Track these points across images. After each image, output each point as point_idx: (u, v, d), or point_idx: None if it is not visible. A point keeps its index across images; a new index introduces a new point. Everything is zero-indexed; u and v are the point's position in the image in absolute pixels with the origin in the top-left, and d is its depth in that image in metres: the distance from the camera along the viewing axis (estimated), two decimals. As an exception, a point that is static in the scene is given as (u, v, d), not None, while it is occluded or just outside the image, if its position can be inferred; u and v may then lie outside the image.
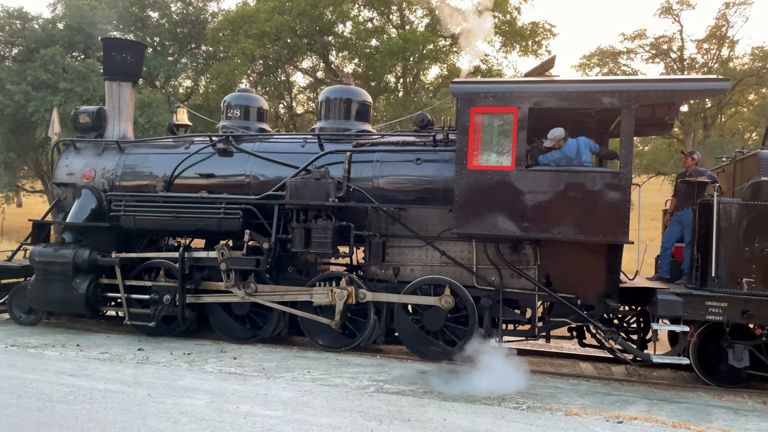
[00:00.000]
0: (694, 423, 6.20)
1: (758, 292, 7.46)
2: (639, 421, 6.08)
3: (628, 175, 7.80)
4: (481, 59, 32.94)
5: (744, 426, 6.32)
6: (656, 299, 7.75)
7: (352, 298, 8.96)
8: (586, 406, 6.69)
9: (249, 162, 9.85)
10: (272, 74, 30.87)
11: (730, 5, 32.26)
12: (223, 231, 9.57)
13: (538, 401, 6.82)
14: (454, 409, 6.28)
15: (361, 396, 6.66)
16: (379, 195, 9.16)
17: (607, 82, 8.17)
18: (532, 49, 32.88)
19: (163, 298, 9.65)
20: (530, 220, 8.08)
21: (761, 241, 7.49)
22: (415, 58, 28.27)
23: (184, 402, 6.22)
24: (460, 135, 8.36)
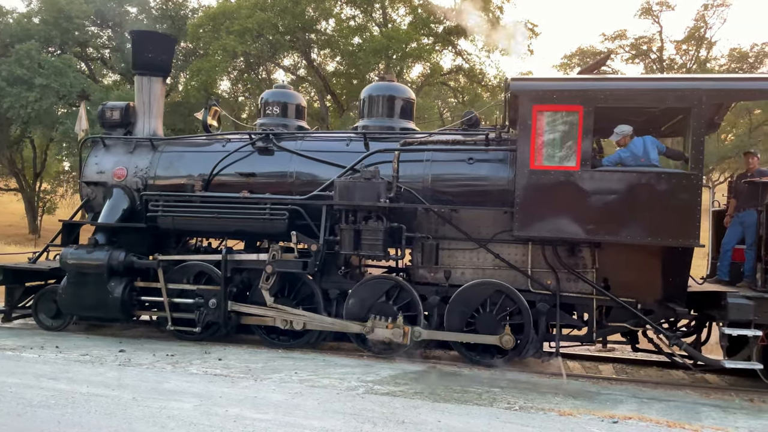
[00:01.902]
0: (687, 422, 6.18)
1: (831, 296, 7.32)
2: (633, 420, 6.03)
3: (699, 176, 7.63)
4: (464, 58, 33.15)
5: (734, 424, 6.31)
6: (726, 303, 7.59)
7: (406, 338, 8.60)
8: (578, 406, 6.61)
9: (292, 161, 9.52)
10: (253, 72, 30.50)
11: (709, 7, 32.74)
12: (268, 232, 9.22)
13: (530, 401, 6.71)
14: (447, 410, 6.15)
15: (353, 398, 6.47)
16: (430, 195, 8.89)
17: (676, 80, 8.00)
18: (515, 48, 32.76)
19: (209, 302, 9.26)
20: (596, 222, 7.87)
21: (836, 243, 7.37)
22: (398, 56, 28.19)
23: (171, 405, 5.93)
24: (522, 134, 8.12)
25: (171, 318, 9.38)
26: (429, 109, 35.04)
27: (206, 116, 10.50)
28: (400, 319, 8.62)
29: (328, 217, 9.00)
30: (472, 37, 32.85)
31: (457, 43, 33.60)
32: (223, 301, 9.22)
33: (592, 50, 35.23)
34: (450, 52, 33.96)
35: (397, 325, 8.58)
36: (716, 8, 32.78)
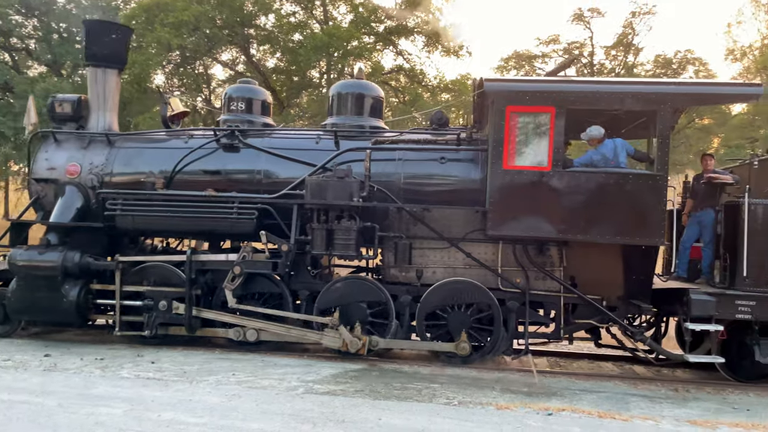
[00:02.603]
0: (617, 412, 6.43)
1: (789, 291, 7.78)
2: (567, 412, 6.22)
3: (665, 177, 7.93)
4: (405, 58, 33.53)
5: (660, 413, 6.61)
6: (689, 299, 7.93)
7: (363, 348, 8.53)
8: (515, 399, 6.79)
9: (259, 158, 9.30)
10: (189, 66, 29.75)
11: (636, 14, 34.19)
12: (235, 232, 8.97)
13: (469, 396, 6.83)
14: (388, 408, 6.16)
15: (292, 398, 6.40)
16: (402, 195, 8.87)
17: (644, 84, 8.27)
18: (454, 50, 33.59)
19: (159, 304, 8.91)
20: (568, 221, 8.07)
21: (791, 241, 7.82)
22: (339, 54, 28.16)
23: (99, 411, 5.74)
24: (495, 134, 8.22)
25: (120, 322, 9.01)
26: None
27: (165, 111, 10.09)
28: (358, 329, 8.55)
29: (298, 217, 8.83)
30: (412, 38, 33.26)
31: (398, 42, 33.86)
32: (187, 303, 8.89)
33: (528, 54, 36.07)
34: (391, 51, 34.22)
35: (355, 335, 8.51)
36: (643, 16, 34.21)
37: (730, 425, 6.02)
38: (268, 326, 8.83)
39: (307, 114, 32.03)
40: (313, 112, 30.74)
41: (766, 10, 35.69)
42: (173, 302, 8.90)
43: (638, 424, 5.94)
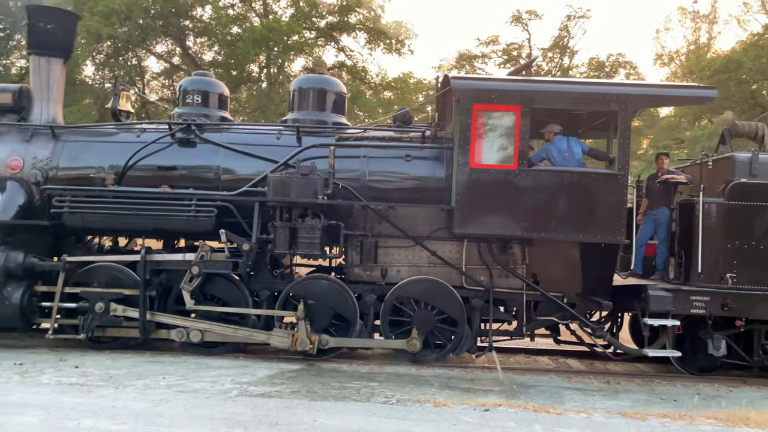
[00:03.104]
0: (552, 405, 6.56)
1: (739, 287, 8.11)
2: (503, 407, 6.27)
3: (626, 176, 8.13)
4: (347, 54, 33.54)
5: (593, 405, 6.82)
6: (648, 295, 8.16)
7: (313, 348, 8.38)
8: (452, 396, 6.82)
9: (217, 154, 8.98)
10: (122, 57, 28.70)
11: (572, 18, 35.30)
12: (193, 231, 8.63)
13: (407, 393, 6.86)
14: (324, 409, 6.04)
15: (224, 401, 6.19)
16: (367, 193, 8.74)
17: (606, 85, 8.44)
18: (396, 47, 33.86)
19: (95, 306, 8.48)
20: (533, 219, 8.14)
21: (742, 238, 8.16)
22: (279, 48, 27.84)
23: (13, 420, 5.38)
24: (462, 132, 8.22)
25: (59, 325, 8.57)
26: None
27: (116, 103, 9.60)
28: (308, 328, 8.38)
29: (260, 215, 8.57)
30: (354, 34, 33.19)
31: (340, 38, 33.69)
32: (141, 306, 8.50)
33: (468, 54, 36.55)
34: (333, 47, 34.03)
35: (306, 334, 8.35)
36: (578, 20, 35.28)
37: (659, 416, 6.18)
38: (213, 327, 8.52)
39: (247, 109, 31.44)
40: (253, 107, 30.18)
41: (692, 17, 37.49)
42: (111, 304, 8.48)
43: (572, 417, 6.03)
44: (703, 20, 37.43)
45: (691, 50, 36.70)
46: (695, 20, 37.57)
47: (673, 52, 37.80)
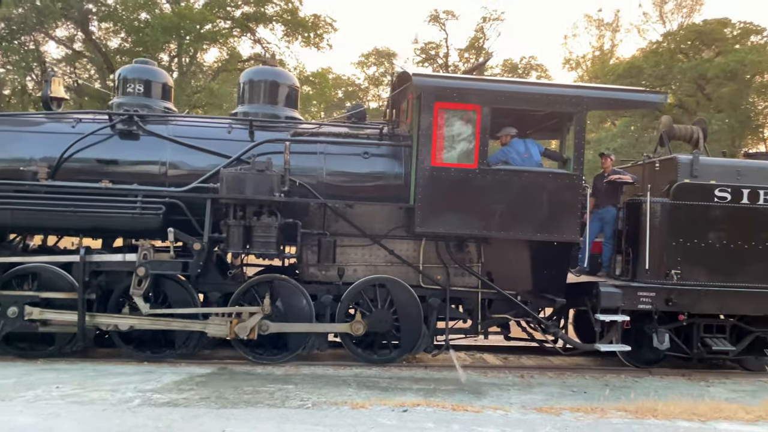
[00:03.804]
0: (469, 403, 6.59)
1: (683, 283, 8.53)
2: (422, 407, 6.18)
3: (581, 176, 8.34)
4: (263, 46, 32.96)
5: (509, 400, 6.94)
6: (599, 292, 8.43)
7: (253, 333, 8.12)
8: (370, 396, 6.70)
9: (163, 148, 8.44)
10: (16, 41, 26.79)
11: (487, 20, 36.35)
12: (138, 229, 8.08)
13: (323, 395, 6.67)
14: (234, 417, 5.69)
15: (123, 413, 5.68)
16: (324, 190, 8.51)
17: (564, 87, 8.62)
18: (314, 41, 33.61)
19: (8, 310, 7.82)
20: (494, 218, 8.21)
21: (686, 236, 8.58)
22: (191, 37, 26.93)
23: None
24: (424, 130, 8.15)
25: None
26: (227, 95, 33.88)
27: (47, 91, 8.80)
28: (246, 314, 8.10)
29: (211, 213, 8.14)
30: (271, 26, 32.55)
31: (256, 30, 32.92)
32: (80, 310, 7.87)
33: (387, 51, 36.77)
34: (249, 39, 33.21)
35: (242, 320, 8.05)
36: (492, 22, 36.35)
37: (572, 410, 6.29)
38: (142, 321, 8.02)
39: (156, 99, 30.02)
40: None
41: (597, 25, 39.47)
42: (25, 308, 7.82)
43: (489, 415, 6.04)
44: (606, 28, 39.55)
45: (596, 56, 38.68)
46: (600, 28, 39.65)
47: (580, 57, 39.63)
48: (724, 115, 28.60)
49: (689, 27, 33.18)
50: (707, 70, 29.32)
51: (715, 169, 8.93)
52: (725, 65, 28.89)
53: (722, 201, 8.58)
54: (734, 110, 28.09)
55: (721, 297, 8.64)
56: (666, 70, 30.74)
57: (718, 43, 32.16)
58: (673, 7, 38.39)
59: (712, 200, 8.59)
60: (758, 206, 8.61)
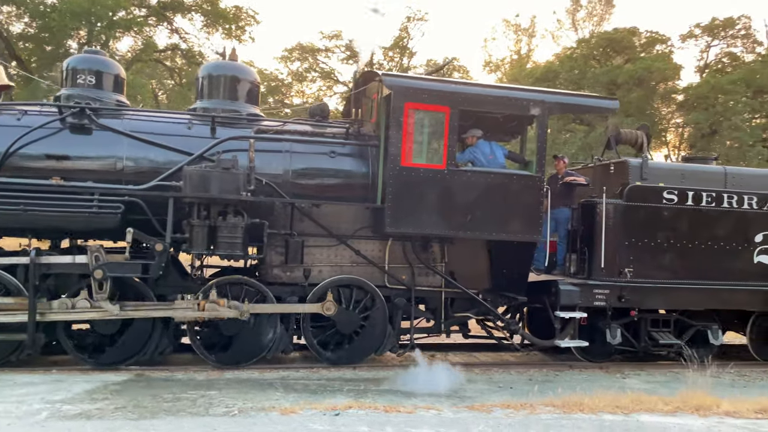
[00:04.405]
0: (401, 403, 6.51)
1: (635, 280, 8.97)
2: (354, 410, 5.99)
3: (542, 178, 8.61)
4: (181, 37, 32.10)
5: (439, 399, 6.86)
6: (558, 290, 8.73)
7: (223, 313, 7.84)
8: (299, 400, 6.50)
9: (120, 143, 7.99)
10: None
11: (411, 20, 36.81)
12: (94, 229, 7.62)
13: (250, 401, 6.37)
14: (154, 428, 5.33)
15: (30, 427, 5.22)
16: (290, 189, 8.33)
17: (527, 92, 8.83)
18: (236, 33, 32.96)
19: None
20: (462, 218, 8.32)
21: (637, 236, 9.02)
22: (102, 24, 25.83)
23: None
24: (393, 130, 8.15)
25: None
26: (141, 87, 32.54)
27: (-11, 79, 8.12)
28: (214, 293, 7.85)
29: (174, 212, 7.79)
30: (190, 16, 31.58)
31: (173, 19, 31.82)
32: (30, 315, 7.32)
33: (312, 47, 36.32)
34: (166, 28, 32.08)
35: (210, 301, 7.79)
36: (417, 22, 36.73)
37: (502, 407, 6.30)
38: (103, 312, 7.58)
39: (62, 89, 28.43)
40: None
41: (514, 30, 40.81)
42: None
43: (423, 415, 5.94)
44: (523, 33, 40.95)
45: (514, 59, 40.00)
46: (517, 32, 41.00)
47: (499, 60, 40.82)
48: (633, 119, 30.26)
49: (601, 35, 34.92)
50: (618, 75, 31.01)
51: (662, 172, 9.45)
52: (634, 72, 30.67)
53: (670, 203, 9.08)
54: (642, 114, 29.78)
55: (668, 293, 9.16)
56: (580, 75, 32.23)
57: (628, 50, 34.11)
58: (585, 16, 40.34)
59: (661, 202, 9.07)
60: (701, 208, 9.18)
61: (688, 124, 31.04)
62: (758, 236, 9.33)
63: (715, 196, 9.19)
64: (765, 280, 9.38)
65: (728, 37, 33.42)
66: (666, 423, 5.85)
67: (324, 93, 38.63)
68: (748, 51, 33.25)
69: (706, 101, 30.09)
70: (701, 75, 33.72)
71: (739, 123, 28.81)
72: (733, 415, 6.18)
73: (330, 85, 38.38)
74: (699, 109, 29.85)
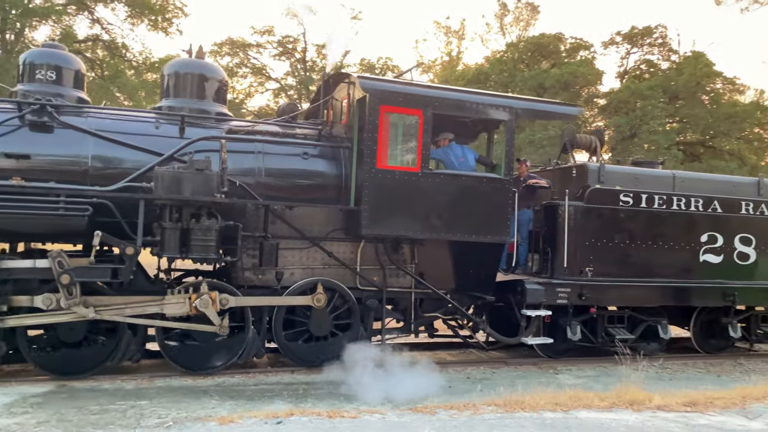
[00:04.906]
0: (343, 407, 6.43)
1: (594, 279, 9.37)
2: (296, 416, 5.77)
3: (511, 180, 8.86)
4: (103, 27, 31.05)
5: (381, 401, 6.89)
6: (525, 289, 9.02)
7: (216, 304, 7.76)
8: (237, 408, 6.32)
9: (86, 142, 7.62)
10: None
11: (343, 17, 36.86)
12: (60, 232, 7.26)
13: (184, 410, 6.13)
14: None
15: None
16: (262, 191, 8.20)
17: (497, 97, 9.05)
18: (162, 26, 32.06)
19: None
20: (436, 220, 8.44)
21: (597, 236, 9.43)
22: (17, 12, 24.64)
23: None
24: (369, 132, 8.17)
25: None
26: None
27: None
28: (205, 287, 7.70)
29: (144, 214, 7.51)
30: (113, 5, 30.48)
31: (95, 8, 30.56)
32: (-10, 324, 6.89)
33: (243, 42, 35.58)
34: (86, 18, 30.76)
35: (201, 294, 7.64)
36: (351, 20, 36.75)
37: (446, 408, 6.25)
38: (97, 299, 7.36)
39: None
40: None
41: (445, 32, 41.42)
42: None
43: (368, 420, 5.80)
44: (453, 35, 41.65)
45: (445, 61, 40.66)
46: (447, 35, 41.65)
47: (431, 61, 41.33)
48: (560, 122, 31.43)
49: (529, 39, 36.03)
50: (545, 79, 32.11)
51: (618, 176, 9.91)
52: (560, 76, 31.88)
53: (626, 205, 9.54)
54: (567, 118, 30.90)
55: (624, 291, 9.63)
56: (509, 78, 33.20)
57: (554, 55, 35.41)
58: (512, 20, 41.48)
59: (618, 204, 9.52)
60: (654, 210, 9.69)
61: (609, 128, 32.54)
62: (704, 236, 9.94)
63: (666, 199, 9.73)
64: (709, 278, 9.99)
65: (646, 45, 35.26)
66: (603, 419, 5.96)
67: (255, 89, 38.02)
68: (664, 59, 35.22)
69: (626, 106, 31.63)
70: (621, 81, 35.39)
71: (656, 127, 30.48)
72: (665, 408, 6.38)
73: (261, 81, 37.77)
74: (620, 113, 31.31)
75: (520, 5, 40.97)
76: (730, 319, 10.34)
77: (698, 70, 32.12)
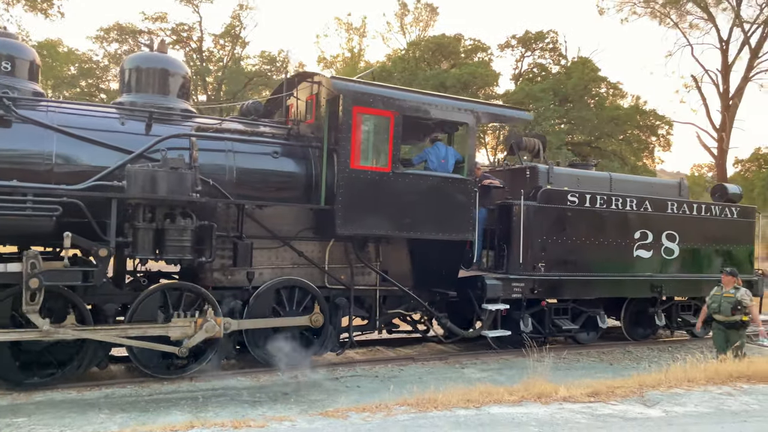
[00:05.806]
0: (248, 415, 6.23)
1: (546, 274, 9.93)
2: (197, 429, 5.28)
3: (474, 181, 9.21)
4: None
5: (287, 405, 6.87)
6: (485, 284, 9.41)
7: (220, 331, 7.63)
8: (129, 422, 5.96)
9: (48, 139, 7.10)
10: None
11: (244, 7, 36.06)
12: (26, 233, 6.75)
13: (68, 426, 5.78)
14: None
15: None
16: (233, 190, 8.01)
17: (463, 101, 9.36)
18: (41, 6, 30.17)
19: None
20: (406, 219, 8.61)
21: (548, 234, 9.99)
22: None
23: None
24: (342, 133, 8.21)
25: None
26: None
27: None
28: (211, 312, 7.59)
29: (116, 214, 7.12)
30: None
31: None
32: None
33: (132, 27, 33.80)
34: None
35: (207, 319, 7.51)
36: (249, 10, 35.93)
37: (358, 410, 6.03)
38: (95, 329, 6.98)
39: None
40: None
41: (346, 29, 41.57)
42: None
43: (276, 428, 5.40)
44: (355, 32, 41.90)
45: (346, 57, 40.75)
46: (349, 31, 41.83)
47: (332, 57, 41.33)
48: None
49: (430, 39, 36.95)
50: (446, 79, 33.11)
51: (564, 177, 10.55)
52: (460, 76, 33.00)
53: (573, 204, 10.17)
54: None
55: (570, 284, 10.26)
56: (412, 77, 33.92)
57: (453, 56, 36.55)
58: (412, 20, 42.39)
59: (566, 204, 10.13)
60: (596, 209, 10.40)
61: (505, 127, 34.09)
62: (636, 233, 10.79)
63: (606, 199, 10.47)
64: (641, 271, 10.87)
65: (539, 49, 37.25)
66: (514, 414, 5.99)
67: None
68: (555, 63, 37.39)
69: (521, 107, 33.29)
70: (516, 83, 37.18)
71: (548, 127, 32.33)
72: (570, 400, 6.51)
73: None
74: (516, 113, 32.81)
75: (419, 6, 41.94)
76: (656, 309, 11.28)
77: (585, 74, 34.40)
